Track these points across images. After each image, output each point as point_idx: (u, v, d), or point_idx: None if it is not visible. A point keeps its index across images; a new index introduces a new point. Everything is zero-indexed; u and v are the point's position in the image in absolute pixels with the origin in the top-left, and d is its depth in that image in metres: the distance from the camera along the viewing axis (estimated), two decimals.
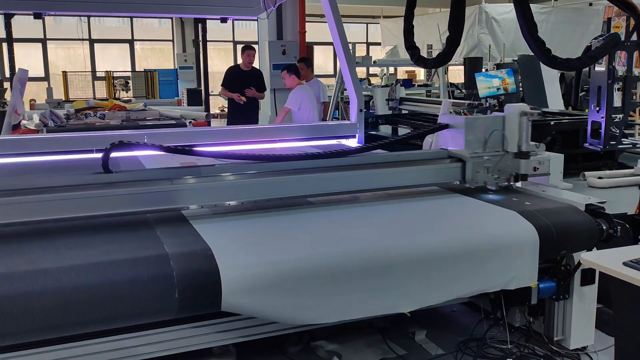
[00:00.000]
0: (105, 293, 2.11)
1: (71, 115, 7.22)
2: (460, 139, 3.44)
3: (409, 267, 2.57)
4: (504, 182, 3.45)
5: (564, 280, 3.18)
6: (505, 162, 3.43)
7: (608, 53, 3.59)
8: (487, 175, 3.41)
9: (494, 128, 3.42)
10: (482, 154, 3.42)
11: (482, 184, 3.44)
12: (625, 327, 2.45)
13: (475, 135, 3.42)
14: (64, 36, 16.04)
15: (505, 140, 3.43)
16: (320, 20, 16.64)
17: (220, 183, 2.91)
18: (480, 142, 3.42)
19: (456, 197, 3.34)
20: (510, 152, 3.44)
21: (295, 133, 5.00)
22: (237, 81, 8.02)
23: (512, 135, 3.41)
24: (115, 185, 2.74)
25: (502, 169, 3.44)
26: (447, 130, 3.56)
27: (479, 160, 3.40)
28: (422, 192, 3.40)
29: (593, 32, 12.98)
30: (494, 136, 3.41)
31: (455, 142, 3.48)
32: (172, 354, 2.58)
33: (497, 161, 3.41)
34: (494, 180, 3.41)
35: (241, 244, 2.51)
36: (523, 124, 3.37)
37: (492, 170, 3.41)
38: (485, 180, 3.43)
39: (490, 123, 3.44)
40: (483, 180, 3.43)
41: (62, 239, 2.47)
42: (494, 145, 3.44)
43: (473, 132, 3.41)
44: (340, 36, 5.01)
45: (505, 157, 3.43)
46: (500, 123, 3.45)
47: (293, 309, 2.39)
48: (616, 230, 3.01)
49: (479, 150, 3.42)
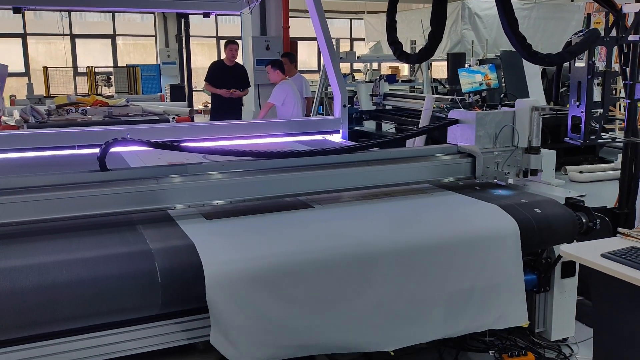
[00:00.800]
0: (89, 289, 2.10)
1: (52, 111, 7.14)
2: (470, 134, 3.43)
3: (392, 259, 2.58)
4: (513, 177, 3.47)
5: (545, 273, 3.22)
6: (515, 158, 3.45)
7: (588, 48, 3.63)
8: (497, 170, 3.42)
9: (504, 123, 3.43)
10: (492, 149, 3.42)
11: (492, 179, 3.45)
12: (604, 317, 2.50)
13: (486, 131, 3.41)
14: (44, 31, 15.84)
15: (516, 135, 3.44)
16: (304, 15, 16.61)
17: (222, 181, 2.89)
18: (490, 137, 3.43)
19: (443, 193, 3.35)
20: (520, 147, 3.45)
21: (279, 128, 5.00)
22: (221, 76, 7.99)
23: (522, 130, 3.42)
24: (113, 183, 2.71)
25: (512, 164, 3.45)
26: (457, 125, 3.55)
27: (490, 156, 3.41)
28: (413, 190, 3.40)
29: (574, 28, 13.13)
30: (505, 131, 3.43)
31: (465, 138, 3.47)
32: (155, 350, 2.58)
33: (507, 156, 3.43)
34: (504, 175, 3.43)
35: (225, 240, 2.50)
36: (534, 119, 3.38)
37: (502, 166, 3.43)
38: (495, 176, 3.44)
39: (500, 118, 3.44)
40: (493, 176, 3.43)
41: (45, 237, 2.45)
42: (504, 140, 3.45)
43: (484, 127, 3.41)
44: (324, 32, 5.02)
45: (515, 153, 3.45)
46: (511, 118, 3.45)
47: (276, 304, 2.40)
48: (595, 223, 3.06)
49: (489, 145, 3.43)
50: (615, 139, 4.17)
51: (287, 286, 2.39)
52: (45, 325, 2.15)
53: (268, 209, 2.94)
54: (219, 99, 8.01)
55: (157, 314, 2.38)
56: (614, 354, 2.46)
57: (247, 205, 2.95)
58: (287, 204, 3.05)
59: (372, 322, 2.54)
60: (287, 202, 3.06)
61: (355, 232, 2.66)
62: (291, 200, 3.08)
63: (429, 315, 2.67)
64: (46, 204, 2.54)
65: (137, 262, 2.24)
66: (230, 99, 7.99)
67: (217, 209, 2.91)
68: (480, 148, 3.39)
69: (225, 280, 2.27)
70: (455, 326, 2.75)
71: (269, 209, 2.94)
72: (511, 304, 2.85)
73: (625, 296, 2.35)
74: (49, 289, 2.07)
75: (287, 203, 3.05)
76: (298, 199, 3.10)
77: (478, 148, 3.39)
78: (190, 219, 2.76)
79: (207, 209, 2.88)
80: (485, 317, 2.80)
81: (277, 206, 2.99)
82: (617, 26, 3.82)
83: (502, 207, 2.96)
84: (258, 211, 2.90)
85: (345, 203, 3.13)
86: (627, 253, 2.41)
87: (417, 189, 3.32)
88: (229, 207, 2.91)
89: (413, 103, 7.29)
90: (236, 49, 8.02)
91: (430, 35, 3.40)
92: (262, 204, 2.97)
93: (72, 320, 2.17)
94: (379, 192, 3.24)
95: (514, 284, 2.86)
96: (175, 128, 5.38)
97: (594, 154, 6.48)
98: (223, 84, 7.93)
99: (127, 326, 2.40)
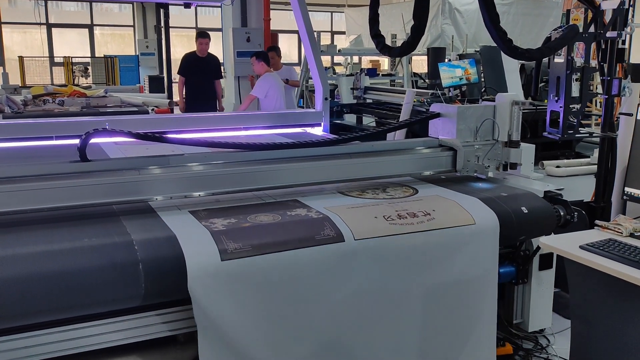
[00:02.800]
0: (71, 281, 2.08)
1: (29, 102, 7.02)
2: (451, 128, 3.44)
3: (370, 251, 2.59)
4: (493, 170, 3.50)
5: (523, 265, 3.27)
6: (495, 151, 3.48)
7: (567, 44, 3.67)
8: (478, 164, 3.45)
9: (485, 117, 3.45)
10: (473, 143, 3.44)
11: (473, 172, 3.47)
12: (581, 308, 2.55)
13: (467, 124, 3.43)
14: (19, 20, 15.54)
15: (497, 129, 3.47)
16: (285, 8, 16.55)
17: (204, 172, 2.88)
18: (471, 131, 3.44)
19: (425, 185, 3.37)
20: (500, 141, 3.48)
21: (260, 121, 4.99)
22: (193, 68, 8.01)
23: (503, 124, 3.45)
24: (94, 174, 2.67)
25: (492, 157, 3.48)
26: (438, 119, 3.56)
27: (470, 149, 3.43)
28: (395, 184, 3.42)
29: (552, 23, 13.28)
30: (485, 125, 3.45)
31: (447, 131, 3.49)
32: (136, 342, 2.56)
33: (487, 150, 3.46)
34: (485, 168, 3.46)
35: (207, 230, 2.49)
36: (514, 114, 3.41)
37: (483, 159, 3.46)
38: (476, 169, 3.47)
39: (481, 112, 3.46)
40: (474, 169, 3.46)
41: (24, 228, 2.42)
42: (484, 134, 3.47)
43: (465, 121, 3.42)
44: (306, 24, 5.01)
45: (496, 146, 3.48)
46: (492, 112, 3.48)
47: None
48: (573, 216, 3.11)
49: (470, 139, 3.44)
50: (593, 133, 4.22)
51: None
52: (23, 318, 2.12)
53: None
54: (193, 90, 8.00)
55: (138, 306, 2.37)
56: (590, 344, 2.51)
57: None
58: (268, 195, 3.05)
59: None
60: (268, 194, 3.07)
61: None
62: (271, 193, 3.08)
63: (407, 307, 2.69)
64: (26, 194, 2.49)
65: (119, 254, 2.22)
66: (204, 90, 7.99)
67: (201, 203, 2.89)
68: (461, 141, 3.41)
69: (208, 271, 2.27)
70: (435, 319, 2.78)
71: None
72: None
73: (602, 287, 2.40)
74: (27, 280, 2.05)
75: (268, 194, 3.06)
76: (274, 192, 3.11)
77: (459, 141, 3.40)
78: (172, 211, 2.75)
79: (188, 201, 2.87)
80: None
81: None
82: (595, 23, 3.87)
83: (483, 200, 2.99)
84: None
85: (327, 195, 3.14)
86: (604, 245, 2.46)
87: (398, 182, 3.34)
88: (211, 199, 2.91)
89: (394, 97, 7.32)
90: (206, 43, 8.02)
91: (413, 29, 3.41)
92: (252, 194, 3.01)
93: (50, 312, 2.15)
94: (359, 186, 3.26)
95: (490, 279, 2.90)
96: (155, 119, 5.34)
97: (571, 149, 6.58)
98: (196, 76, 7.94)
99: (106, 318, 2.39)
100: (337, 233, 2.52)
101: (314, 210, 2.70)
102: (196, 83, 8.01)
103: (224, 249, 2.31)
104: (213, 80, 8.16)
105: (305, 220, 2.60)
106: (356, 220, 2.63)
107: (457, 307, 2.81)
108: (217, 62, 8.37)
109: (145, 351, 2.57)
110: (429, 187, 3.27)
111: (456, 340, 2.85)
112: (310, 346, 2.50)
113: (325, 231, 2.51)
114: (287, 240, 2.43)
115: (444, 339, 2.81)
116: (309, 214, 2.67)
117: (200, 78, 7.98)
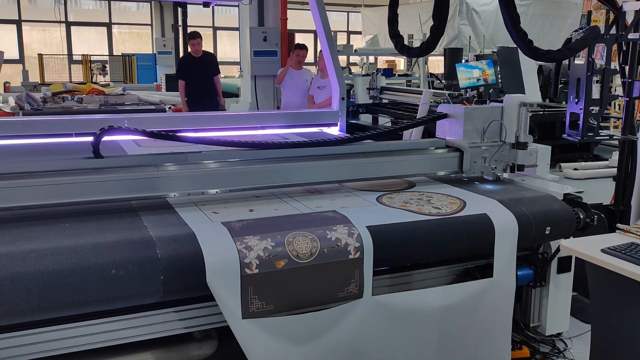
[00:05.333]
0: (92, 276, 2.10)
1: (48, 99, 7.11)
2: (458, 129, 3.42)
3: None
4: (500, 172, 3.47)
5: (541, 268, 3.24)
6: (502, 153, 3.44)
7: (588, 45, 3.64)
8: (485, 165, 3.41)
9: (492, 118, 3.41)
10: (480, 144, 3.40)
11: (480, 173, 3.44)
12: (601, 312, 2.52)
13: (474, 125, 3.39)
14: (39, 18, 15.72)
15: (504, 131, 3.43)
16: (301, 7, 16.57)
17: (219, 170, 2.90)
18: (478, 132, 3.40)
19: (442, 186, 3.36)
20: (507, 143, 3.44)
21: (277, 120, 4.99)
22: (191, 69, 8.06)
23: (510, 125, 3.41)
24: (106, 170, 2.70)
25: (499, 159, 3.44)
26: (445, 119, 3.54)
27: (477, 150, 3.39)
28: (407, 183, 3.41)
29: (571, 25, 13.15)
30: (493, 126, 3.41)
31: (454, 132, 3.46)
32: (153, 338, 2.58)
33: (494, 151, 3.41)
34: (492, 170, 3.43)
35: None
36: (522, 115, 3.36)
37: (490, 160, 3.41)
38: (483, 170, 3.43)
39: (489, 113, 3.42)
40: (480, 170, 3.42)
41: (46, 224, 2.45)
42: (492, 135, 3.43)
43: (472, 122, 3.39)
44: (324, 24, 5.01)
45: (503, 148, 3.43)
46: (499, 113, 3.43)
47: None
48: (593, 219, 3.07)
49: (476, 140, 3.41)
50: (613, 136, 4.18)
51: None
52: (44, 312, 2.14)
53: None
54: (194, 89, 8.04)
55: (156, 303, 2.39)
56: (611, 350, 2.48)
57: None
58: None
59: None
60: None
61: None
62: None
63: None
64: (36, 190, 2.54)
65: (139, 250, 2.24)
66: (204, 89, 8.03)
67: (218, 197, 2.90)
68: (468, 142, 3.38)
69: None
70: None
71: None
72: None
73: (624, 291, 2.36)
74: (49, 275, 2.07)
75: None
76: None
77: (466, 142, 3.38)
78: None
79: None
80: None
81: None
82: (617, 24, 3.83)
83: (501, 202, 2.97)
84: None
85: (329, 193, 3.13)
86: (627, 248, 2.43)
87: (444, 193, 3.22)
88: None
89: (410, 97, 7.29)
90: (198, 43, 8.07)
91: (432, 29, 3.40)
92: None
93: (71, 307, 2.17)
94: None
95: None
96: (172, 118, 5.37)
97: (589, 152, 6.53)
98: (195, 76, 7.97)
99: (126, 314, 2.41)
100: (359, 289, 2.52)
101: (355, 235, 2.54)
102: (196, 83, 8.04)
103: (246, 309, 2.32)
104: (212, 78, 8.19)
105: (340, 263, 2.47)
106: None
107: (475, 309, 2.80)
108: (213, 58, 8.45)
109: (161, 348, 2.59)
110: (476, 198, 3.10)
111: (472, 342, 2.84)
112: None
113: (349, 288, 2.50)
114: (310, 301, 2.44)
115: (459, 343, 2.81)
116: (348, 242, 2.51)
117: (199, 78, 8.02)
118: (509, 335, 2.93)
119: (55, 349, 2.32)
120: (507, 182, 3.46)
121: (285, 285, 2.37)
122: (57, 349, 2.32)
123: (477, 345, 2.85)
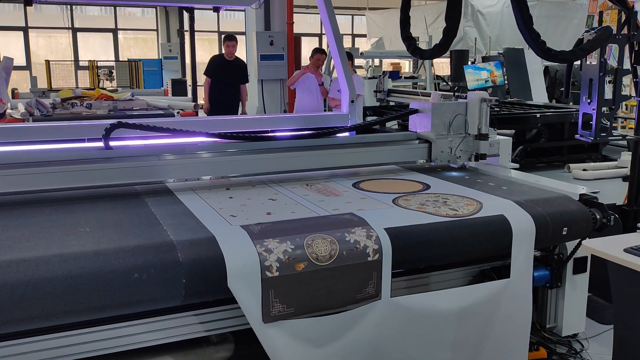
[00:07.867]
0: (114, 280, 2.11)
1: (57, 105, 7.14)
2: (427, 123, 3.83)
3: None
4: (465, 160, 3.86)
5: (557, 269, 3.23)
6: (466, 143, 3.82)
7: (600, 46, 3.64)
8: (451, 154, 3.82)
9: (457, 113, 3.80)
10: (446, 136, 3.81)
11: (446, 162, 3.84)
12: (624, 312, 2.51)
13: (441, 119, 3.80)
14: (46, 25, 15.80)
15: (467, 124, 3.80)
16: (307, 11, 16.61)
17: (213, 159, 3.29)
18: (445, 125, 3.80)
19: (456, 187, 3.36)
20: (471, 134, 3.82)
21: (288, 123, 5.00)
22: (221, 71, 8.02)
23: (473, 119, 3.78)
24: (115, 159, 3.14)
25: (464, 149, 3.83)
26: (416, 115, 3.96)
27: (444, 141, 3.80)
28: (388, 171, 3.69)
29: (576, 26, 13.14)
30: (458, 120, 3.80)
31: (423, 125, 3.89)
32: (170, 342, 2.58)
33: (459, 142, 3.81)
34: (457, 158, 3.82)
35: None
36: (483, 109, 3.76)
37: (455, 150, 3.81)
38: (449, 159, 3.84)
39: (454, 108, 3.83)
40: (447, 159, 3.84)
41: (65, 228, 2.47)
42: (457, 128, 3.83)
43: (439, 116, 3.80)
44: (333, 27, 5.01)
45: (467, 139, 3.82)
46: (464, 108, 3.82)
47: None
48: (610, 219, 3.06)
49: (443, 132, 3.81)
50: (626, 136, 4.17)
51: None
52: (66, 316, 2.14)
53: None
54: (217, 93, 8.02)
55: (175, 306, 2.39)
56: (635, 349, 2.47)
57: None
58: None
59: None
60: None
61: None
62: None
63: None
64: (53, 176, 2.98)
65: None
66: (229, 93, 8.01)
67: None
68: (436, 134, 3.79)
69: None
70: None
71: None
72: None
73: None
74: (71, 279, 2.07)
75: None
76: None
77: (434, 134, 3.78)
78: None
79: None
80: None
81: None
82: (628, 24, 3.83)
83: (518, 203, 2.97)
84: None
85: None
86: None
87: (461, 195, 3.19)
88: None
89: (417, 99, 7.29)
90: (233, 45, 8.01)
91: (445, 31, 3.42)
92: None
93: (93, 311, 2.17)
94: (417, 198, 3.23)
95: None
96: (181, 122, 5.36)
97: (597, 152, 6.50)
98: (222, 78, 7.95)
99: (142, 318, 2.41)
100: (377, 290, 2.53)
101: (374, 237, 2.53)
102: (222, 86, 8.02)
103: (267, 312, 2.33)
104: (239, 84, 8.16)
105: (359, 265, 2.46)
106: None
107: (492, 310, 2.80)
108: (244, 66, 8.36)
109: (179, 351, 2.59)
110: (492, 199, 3.09)
111: (490, 343, 2.83)
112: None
113: (367, 289, 2.50)
114: (329, 303, 2.44)
115: (476, 342, 2.80)
116: (367, 244, 2.50)
117: (226, 81, 7.98)
118: (527, 337, 2.92)
119: (75, 353, 2.31)
120: (471, 170, 3.82)
121: (305, 288, 2.37)
122: (77, 353, 2.32)
123: (494, 346, 2.84)
